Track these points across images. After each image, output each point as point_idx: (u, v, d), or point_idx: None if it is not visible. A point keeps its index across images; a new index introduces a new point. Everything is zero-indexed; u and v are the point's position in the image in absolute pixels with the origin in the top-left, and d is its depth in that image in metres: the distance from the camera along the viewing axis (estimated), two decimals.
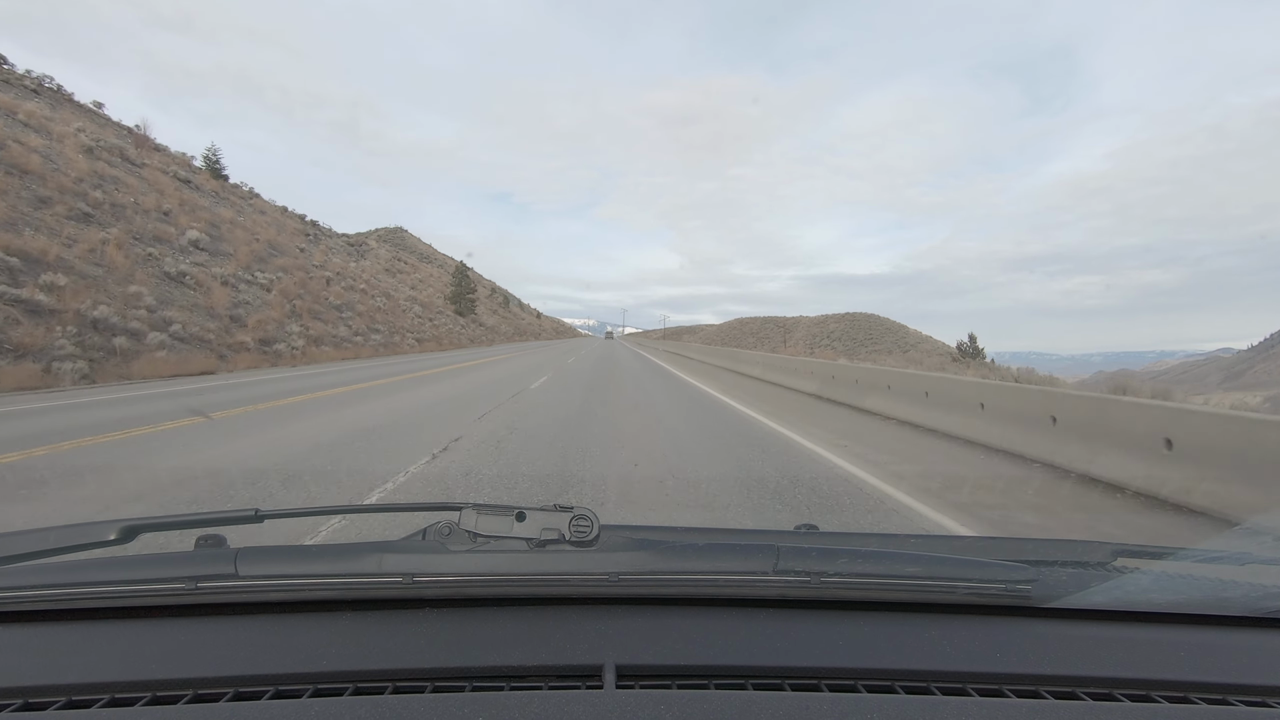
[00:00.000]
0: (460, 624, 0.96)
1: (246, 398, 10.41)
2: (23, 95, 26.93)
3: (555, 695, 0.80)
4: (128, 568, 1.05)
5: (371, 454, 5.86)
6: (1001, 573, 1.03)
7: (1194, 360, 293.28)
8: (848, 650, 0.91)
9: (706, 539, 1.27)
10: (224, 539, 1.18)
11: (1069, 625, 1.00)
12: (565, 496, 4.40)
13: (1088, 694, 0.84)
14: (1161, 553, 1.29)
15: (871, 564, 1.05)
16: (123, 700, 0.80)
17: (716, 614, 1.00)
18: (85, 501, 4.21)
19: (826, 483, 5.10)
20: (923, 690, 0.84)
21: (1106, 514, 4.42)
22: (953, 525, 4.06)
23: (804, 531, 1.43)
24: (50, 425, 7.34)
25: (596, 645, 0.90)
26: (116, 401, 9.87)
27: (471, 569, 0.99)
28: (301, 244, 37.83)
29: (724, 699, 0.79)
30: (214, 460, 5.47)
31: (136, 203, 22.70)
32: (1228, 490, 4.14)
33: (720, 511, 4.18)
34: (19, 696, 0.81)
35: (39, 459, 5.47)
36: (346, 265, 42.97)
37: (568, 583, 0.99)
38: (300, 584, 0.98)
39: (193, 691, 0.81)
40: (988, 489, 5.14)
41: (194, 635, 0.94)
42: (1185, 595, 1.07)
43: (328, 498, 4.42)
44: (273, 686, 0.82)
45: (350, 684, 0.83)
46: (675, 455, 6.00)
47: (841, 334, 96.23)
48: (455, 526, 1.07)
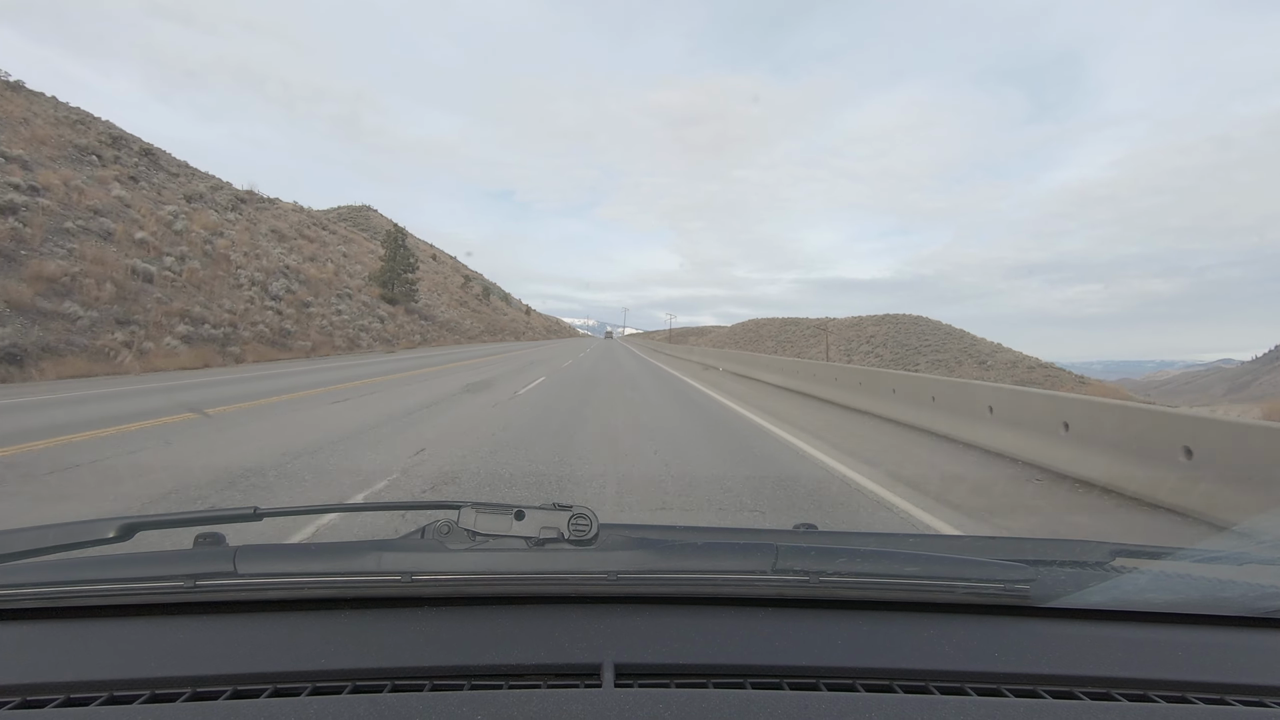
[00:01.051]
0: (459, 622, 0.96)
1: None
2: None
3: (554, 694, 0.80)
4: (126, 566, 1.05)
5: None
6: (1000, 572, 1.04)
7: (1195, 370, 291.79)
8: (846, 649, 0.92)
9: (705, 538, 1.27)
10: (222, 537, 1.18)
11: (1067, 625, 1.00)
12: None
13: (1086, 693, 0.84)
14: (1159, 553, 1.30)
15: (870, 563, 1.05)
16: (121, 698, 0.80)
17: (715, 613, 1.00)
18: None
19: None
20: (921, 689, 0.84)
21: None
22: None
23: (803, 531, 1.43)
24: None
25: (595, 644, 0.90)
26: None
27: (470, 567, 0.99)
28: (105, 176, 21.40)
29: (722, 698, 0.79)
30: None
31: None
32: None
33: None
34: (17, 694, 0.81)
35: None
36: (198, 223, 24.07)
37: (566, 581, 0.99)
38: (299, 582, 0.98)
39: (191, 689, 0.81)
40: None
41: (192, 633, 0.94)
42: (1183, 595, 1.07)
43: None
44: (271, 685, 0.82)
45: (349, 682, 0.83)
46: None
47: (885, 339, 76.85)
48: (454, 525, 1.08)
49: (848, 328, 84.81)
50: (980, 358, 66.30)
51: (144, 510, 3.99)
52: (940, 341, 73.27)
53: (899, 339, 76.12)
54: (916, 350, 70.34)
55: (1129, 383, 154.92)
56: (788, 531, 1.47)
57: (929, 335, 76.01)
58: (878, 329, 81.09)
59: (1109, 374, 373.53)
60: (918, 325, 79.84)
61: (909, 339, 75.46)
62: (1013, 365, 61.22)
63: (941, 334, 76.60)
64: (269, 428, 7.16)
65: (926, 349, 70.82)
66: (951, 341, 73.46)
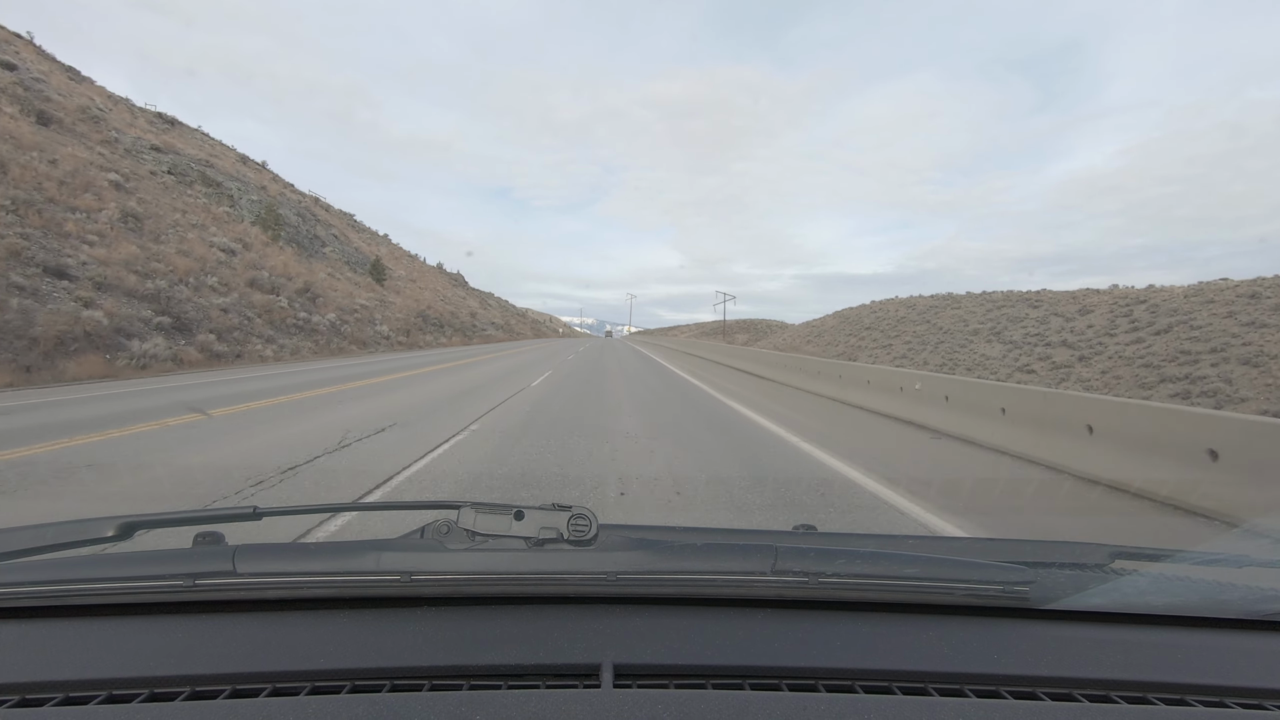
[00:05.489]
0: (458, 622, 0.96)
1: None
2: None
3: (553, 694, 0.80)
4: (125, 564, 1.05)
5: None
6: (999, 574, 1.04)
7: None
8: (845, 651, 0.92)
9: (705, 539, 1.27)
10: (222, 536, 1.18)
11: (1066, 627, 1.00)
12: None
13: (1085, 695, 0.84)
14: (1159, 555, 1.30)
15: (869, 565, 1.05)
16: (120, 697, 0.80)
17: (714, 614, 1.00)
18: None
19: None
20: (920, 691, 0.84)
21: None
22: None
23: (802, 532, 1.43)
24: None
25: (594, 644, 0.90)
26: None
27: (470, 568, 0.99)
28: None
29: (721, 699, 0.79)
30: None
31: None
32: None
33: None
34: (16, 693, 0.81)
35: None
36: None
37: (566, 582, 0.99)
38: (298, 582, 0.98)
39: (190, 688, 0.81)
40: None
41: (191, 632, 0.94)
42: (1182, 597, 1.07)
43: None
44: (270, 684, 0.82)
45: (348, 682, 0.83)
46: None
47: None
48: (454, 525, 1.08)
49: (1065, 302, 37.79)
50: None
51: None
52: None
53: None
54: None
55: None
56: (787, 533, 1.47)
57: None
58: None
59: None
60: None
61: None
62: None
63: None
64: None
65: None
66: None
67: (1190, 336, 26.51)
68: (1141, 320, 30.45)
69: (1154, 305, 31.23)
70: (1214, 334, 25.70)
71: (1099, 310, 33.91)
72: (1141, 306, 31.91)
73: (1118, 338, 30.06)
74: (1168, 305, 30.42)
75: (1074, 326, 33.51)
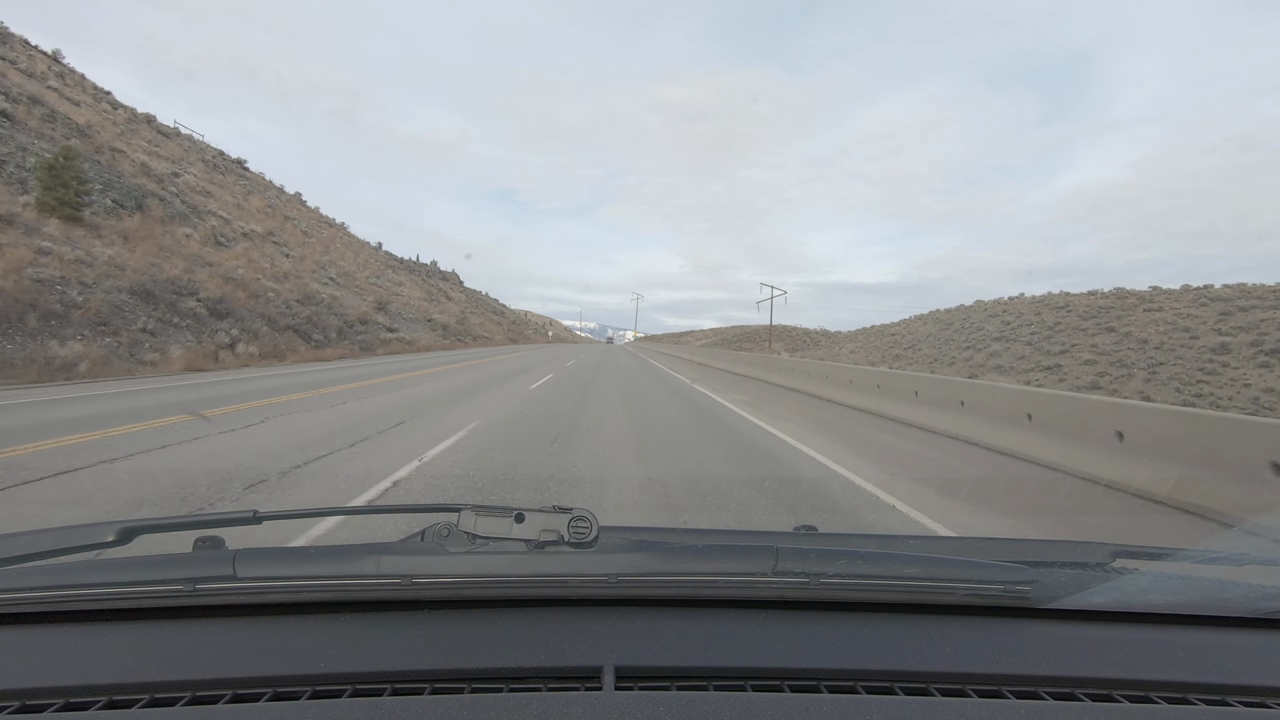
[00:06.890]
0: (459, 625, 0.96)
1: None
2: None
3: (554, 697, 0.79)
4: (126, 569, 1.05)
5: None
6: (1000, 574, 1.03)
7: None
8: (847, 651, 0.91)
9: (706, 540, 1.27)
10: (222, 541, 1.18)
11: (1068, 626, 1.00)
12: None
13: (1086, 694, 0.84)
14: (1160, 554, 1.30)
15: (870, 565, 1.05)
16: (120, 703, 0.80)
17: (715, 615, 1.00)
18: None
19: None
20: (922, 691, 0.84)
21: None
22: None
23: (803, 533, 1.42)
24: None
25: (595, 647, 0.90)
26: None
27: (470, 570, 0.99)
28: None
29: (723, 700, 0.79)
30: None
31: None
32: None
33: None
34: (17, 699, 0.81)
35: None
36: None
37: (567, 584, 0.99)
38: (299, 585, 0.98)
39: (191, 693, 0.81)
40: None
41: (192, 637, 0.94)
42: (1183, 596, 1.07)
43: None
44: (271, 688, 0.82)
45: (349, 686, 0.82)
46: None
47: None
48: (454, 528, 1.07)
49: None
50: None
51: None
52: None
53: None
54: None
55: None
56: (788, 534, 1.47)
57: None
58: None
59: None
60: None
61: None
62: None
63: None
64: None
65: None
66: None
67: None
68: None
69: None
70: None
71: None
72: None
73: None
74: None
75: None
